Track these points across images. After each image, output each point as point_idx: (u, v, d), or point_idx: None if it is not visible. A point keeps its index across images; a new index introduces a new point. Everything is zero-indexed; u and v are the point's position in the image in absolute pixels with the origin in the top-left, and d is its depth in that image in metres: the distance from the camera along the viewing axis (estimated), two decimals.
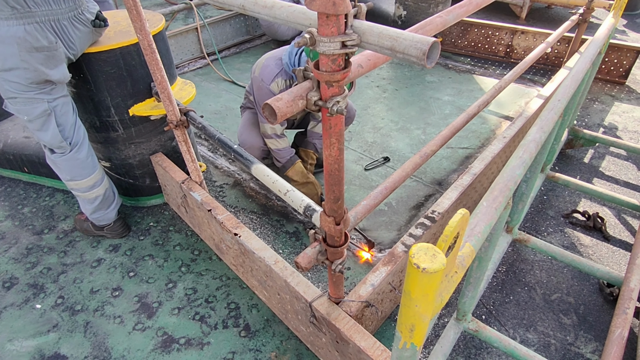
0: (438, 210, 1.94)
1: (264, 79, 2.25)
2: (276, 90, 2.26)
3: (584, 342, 1.79)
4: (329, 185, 1.18)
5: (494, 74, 4.11)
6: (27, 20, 1.62)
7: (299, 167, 2.49)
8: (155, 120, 2.31)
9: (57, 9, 1.69)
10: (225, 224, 1.91)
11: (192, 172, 2.16)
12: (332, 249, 1.34)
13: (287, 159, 2.45)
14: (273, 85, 2.25)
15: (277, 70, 2.25)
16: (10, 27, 1.60)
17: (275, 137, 2.38)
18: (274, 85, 2.25)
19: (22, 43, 1.63)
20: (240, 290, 2.07)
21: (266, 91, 2.26)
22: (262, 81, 2.26)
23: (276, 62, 2.27)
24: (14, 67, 1.66)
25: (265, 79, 2.25)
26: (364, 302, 1.58)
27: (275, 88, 2.25)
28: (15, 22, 1.60)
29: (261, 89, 2.27)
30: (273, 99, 0.96)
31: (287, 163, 2.46)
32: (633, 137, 3.10)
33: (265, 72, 2.26)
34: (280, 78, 2.25)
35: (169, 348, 1.82)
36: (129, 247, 2.32)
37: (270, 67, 2.26)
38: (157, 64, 1.78)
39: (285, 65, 2.24)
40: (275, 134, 2.38)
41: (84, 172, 2.07)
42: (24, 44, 1.63)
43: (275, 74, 2.24)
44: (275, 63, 2.27)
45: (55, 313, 1.99)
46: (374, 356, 1.37)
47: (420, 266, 0.65)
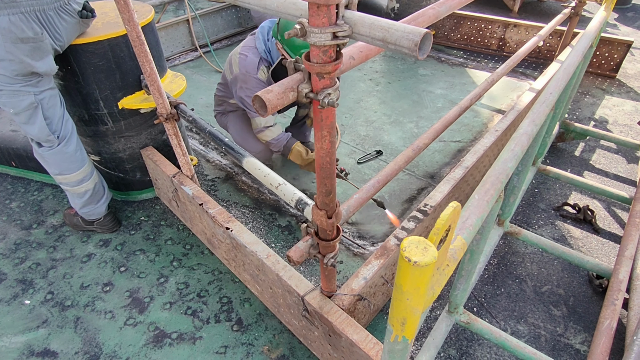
0: (430, 204, 1.94)
1: (248, 70, 2.22)
2: (263, 77, 2.24)
3: (574, 333, 1.82)
4: (321, 178, 1.17)
5: (487, 67, 4.11)
6: (12, 10, 1.58)
7: (297, 150, 2.45)
8: (145, 113, 2.28)
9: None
10: (217, 218, 1.90)
11: (183, 165, 2.14)
12: (324, 242, 1.34)
13: (283, 145, 2.42)
14: (260, 73, 2.23)
15: (257, 59, 2.23)
16: None
17: (266, 129, 2.36)
18: (260, 73, 2.23)
19: (6, 34, 1.59)
20: (232, 284, 2.06)
21: (255, 82, 2.23)
22: (247, 73, 2.22)
23: (252, 52, 2.25)
24: None
25: (250, 70, 2.22)
26: (357, 296, 1.58)
27: (262, 76, 2.23)
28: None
29: (249, 81, 2.24)
30: (263, 91, 0.94)
31: (285, 149, 2.44)
32: (623, 130, 3.13)
33: (247, 63, 2.23)
34: (262, 65, 2.24)
35: (160, 343, 1.81)
36: (120, 242, 2.30)
37: (250, 57, 2.23)
38: (146, 56, 1.75)
39: (263, 53, 2.22)
40: (266, 126, 2.36)
41: (72, 166, 2.03)
42: (9, 35, 1.59)
43: (257, 62, 2.22)
44: (252, 52, 2.24)
45: (45, 309, 1.97)
46: (367, 349, 1.37)
47: (411, 259, 0.65)
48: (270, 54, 2.21)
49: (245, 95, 2.28)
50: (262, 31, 2.23)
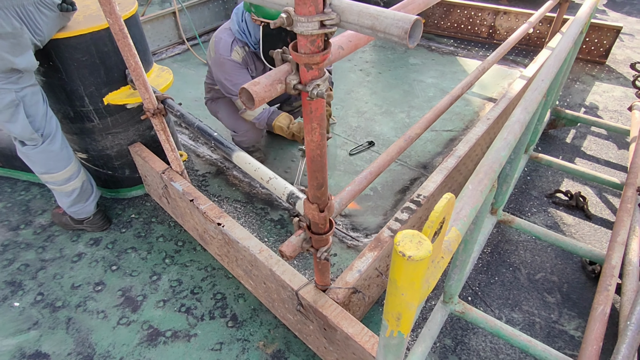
0: (423, 194, 1.93)
1: (222, 53, 2.21)
2: (238, 58, 2.22)
3: (568, 320, 1.83)
4: (312, 171, 1.15)
5: (477, 56, 4.09)
6: None
7: (278, 127, 2.35)
8: (132, 109, 2.23)
9: None
10: (208, 214, 1.87)
11: (172, 161, 2.10)
12: (317, 236, 1.32)
13: (266, 120, 2.37)
14: (234, 54, 2.22)
15: (231, 40, 2.22)
16: None
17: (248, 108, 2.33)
18: (234, 54, 2.22)
19: None
20: (226, 280, 2.04)
21: (230, 64, 2.22)
22: (220, 56, 2.22)
23: (227, 33, 2.25)
24: None
25: (223, 52, 2.21)
26: (351, 289, 1.57)
27: (236, 57, 2.22)
28: None
29: (223, 65, 2.22)
30: (250, 83, 0.92)
31: (268, 127, 2.40)
32: (613, 116, 3.14)
33: (221, 46, 2.22)
34: (236, 46, 2.23)
35: (155, 341, 1.80)
36: (111, 240, 2.27)
37: (223, 39, 2.23)
38: (130, 50, 1.71)
39: (237, 33, 2.22)
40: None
41: (58, 164, 1.99)
42: None
43: (231, 43, 2.22)
44: (226, 34, 2.25)
45: (35, 310, 1.94)
46: (362, 342, 1.37)
47: (405, 254, 0.63)
48: (246, 32, 2.18)
49: (223, 78, 2.27)
50: (237, 12, 2.22)
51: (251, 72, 2.32)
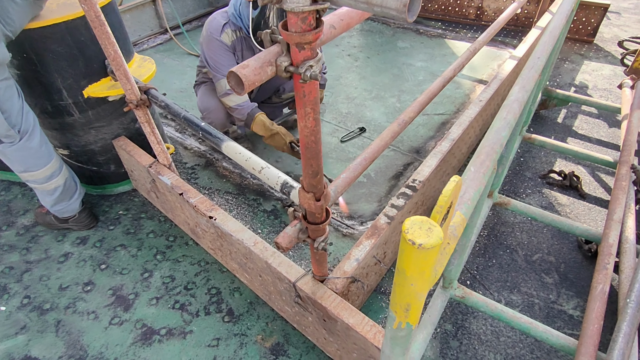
0: (419, 179, 1.90)
1: (212, 32, 2.17)
2: (227, 40, 2.18)
3: (566, 299, 1.83)
4: (306, 159, 1.10)
5: (465, 38, 4.05)
6: None
7: (260, 120, 2.31)
8: (114, 101, 2.14)
9: None
10: (199, 208, 1.81)
11: (159, 154, 2.03)
12: (314, 226, 1.27)
13: (247, 112, 2.31)
14: (223, 36, 2.18)
15: (224, 21, 2.18)
16: None
17: (231, 92, 2.26)
18: (224, 36, 2.18)
19: None
20: (220, 274, 1.99)
21: (217, 44, 2.17)
22: (210, 34, 2.18)
23: (221, 15, 2.21)
24: None
25: (214, 32, 2.17)
26: (350, 278, 1.53)
27: (226, 39, 2.18)
28: None
29: (212, 43, 2.18)
30: (239, 66, 0.86)
31: (248, 119, 2.33)
32: (603, 94, 3.13)
33: (212, 25, 2.19)
34: (228, 28, 2.19)
35: (149, 340, 1.75)
36: (99, 238, 2.19)
37: (216, 19, 2.19)
38: (109, 38, 1.62)
39: (232, 16, 2.18)
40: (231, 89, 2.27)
41: (38, 162, 1.90)
42: None
43: (223, 25, 2.18)
44: (220, 15, 2.21)
45: (22, 314, 1.87)
46: (364, 332, 1.33)
47: (416, 242, 0.59)
48: (241, 16, 2.12)
49: (208, 57, 2.23)
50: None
51: (237, 58, 2.25)
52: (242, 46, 2.23)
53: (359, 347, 1.40)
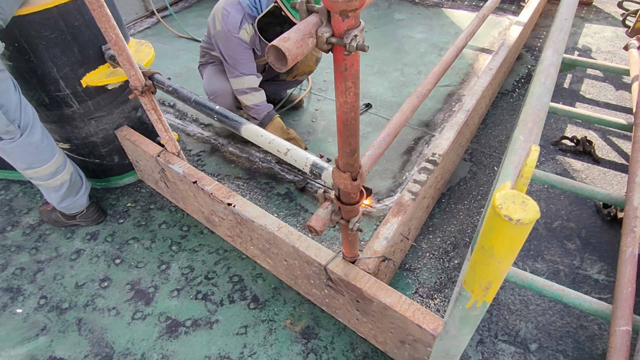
0: (438, 152, 1.86)
1: (230, 29, 2.03)
2: (246, 37, 2.06)
3: (590, 264, 1.83)
4: (344, 137, 1.04)
5: (463, 6, 3.95)
6: None
7: (278, 123, 2.32)
8: (114, 89, 2.03)
9: None
10: (215, 195, 1.75)
11: (166, 142, 1.95)
12: (349, 207, 1.23)
13: (264, 114, 2.27)
14: (242, 32, 2.04)
15: (240, 16, 2.04)
16: None
17: (251, 91, 2.18)
18: (242, 32, 2.04)
19: None
20: (240, 261, 1.95)
21: (236, 41, 2.05)
22: (228, 32, 2.04)
23: (236, 8, 2.05)
24: None
25: (232, 29, 2.03)
26: (381, 257, 1.50)
27: (244, 35, 2.05)
28: None
29: (230, 41, 2.05)
30: (280, 39, 0.79)
31: (266, 119, 2.28)
32: (607, 57, 3.10)
33: (229, 21, 2.03)
34: (246, 23, 2.06)
35: (175, 332, 1.71)
36: (109, 233, 2.13)
37: (232, 14, 2.04)
38: (109, 21, 1.51)
39: (247, 8, 2.03)
40: (251, 88, 2.18)
41: (41, 157, 1.81)
42: None
43: (240, 20, 2.04)
44: (235, 9, 2.05)
45: (41, 315, 1.81)
46: (402, 311, 1.31)
47: (513, 217, 0.54)
48: (257, 5, 2.00)
49: (226, 54, 2.11)
50: None
51: (257, 51, 2.16)
52: (259, 37, 2.12)
53: (396, 326, 1.38)
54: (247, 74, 2.14)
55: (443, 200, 2.15)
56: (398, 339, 1.44)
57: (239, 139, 2.59)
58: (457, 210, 2.10)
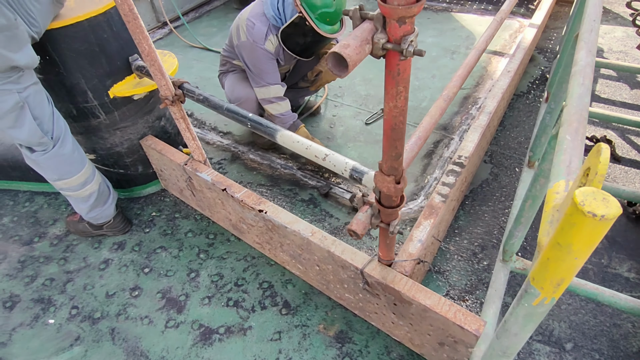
0: (464, 155, 1.87)
1: (255, 40, 2.06)
2: (271, 48, 2.09)
3: (619, 262, 1.84)
4: (391, 140, 1.06)
5: (472, 10, 3.99)
6: None
7: (303, 132, 2.36)
8: (139, 99, 2.06)
9: None
10: (246, 202, 1.76)
11: (194, 151, 1.97)
12: (389, 210, 1.24)
13: (290, 123, 2.30)
14: (267, 44, 2.07)
15: (265, 28, 2.07)
16: None
17: (277, 100, 2.21)
18: (268, 44, 2.07)
19: None
20: (269, 267, 1.96)
21: (261, 52, 2.08)
22: (254, 43, 2.07)
23: (261, 19, 2.08)
24: None
25: (258, 40, 2.06)
26: (416, 260, 1.51)
27: (270, 47, 2.08)
28: None
29: (255, 51, 2.08)
30: (341, 46, 0.81)
31: (291, 128, 2.31)
32: (619, 57, 3.12)
33: (254, 32, 2.06)
34: (271, 34, 2.08)
35: (210, 340, 1.72)
36: (136, 242, 2.14)
37: (257, 26, 2.07)
38: (142, 32, 1.54)
39: (272, 19, 2.06)
40: (277, 97, 2.21)
41: (72, 168, 1.83)
42: None
43: (266, 32, 2.07)
44: (260, 20, 2.08)
45: (73, 325, 1.82)
46: (443, 312, 1.32)
47: (597, 214, 0.56)
48: (281, 15, 2.03)
49: (251, 65, 2.13)
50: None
51: (280, 61, 2.20)
52: (283, 47, 2.15)
53: (435, 328, 1.39)
54: (272, 83, 2.17)
55: (467, 203, 2.16)
56: (437, 340, 1.44)
57: (259, 145, 2.61)
58: (482, 212, 2.11)
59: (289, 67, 2.42)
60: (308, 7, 1.92)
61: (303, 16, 1.95)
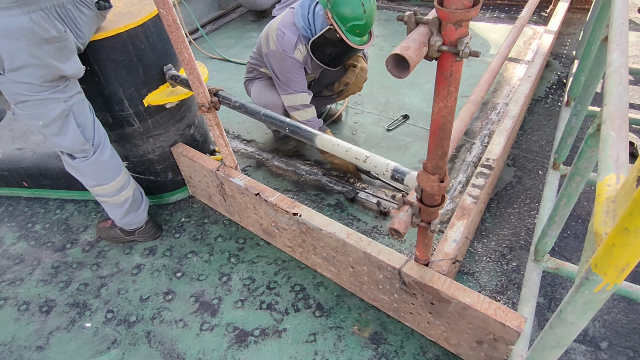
0: (492, 157, 1.91)
1: (285, 49, 2.12)
2: (299, 57, 2.15)
3: None
4: (439, 140, 1.10)
5: (485, 18, 4.06)
6: (31, 7, 1.39)
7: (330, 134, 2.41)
8: (172, 108, 2.12)
9: None
10: (279, 205, 1.80)
11: (226, 157, 2.01)
12: (431, 209, 1.27)
13: (317, 128, 2.35)
14: (296, 53, 2.13)
15: (295, 37, 2.14)
16: (14, 18, 1.37)
17: (303, 107, 2.26)
18: (297, 53, 2.13)
19: (29, 35, 1.41)
20: (300, 271, 1.99)
21: (291, 62, 2.14)
22: (283, 52, 2.13)
23: (291, 29, 2.14)
24: (24, 65, 1.44)
25: (287, 49, 2.12)
26: (452, 259, 1.54)
27: (298, 56, 2.14)
28: (19, 11, 1.37)
29: (284, 60, 2.14)
30: (401, 47, 0.85)
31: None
32: (635, 61, 3.16)
33: (284, 42, 2.13)
34: (300, 44, 2.15)
35: (245, 342, 1.74)
36: (167, 248, 2.18)
37: (287, 35, 2.13)
38: (183, 42, 1.60)
39: (302, 29, 2.12)
40: (303, 104, 2.26)
41: (110, 174, 1.88)
42: (32, 36, 1.41)
43: (295, 42, 2.13)
44: (290, 30, 2.14)
45: (110, 328, 1.85)
46: (483, 309, 1.34)
47: None
48: (312, 27, 2.10)
49: (280, 73, 2.19)
50: (302, 5, 2.12)
51: (308, 70, 2.26)
52: (311, 56, 2.21)
53: (474, 326, 1.41)
54: (299, 91, 2.22)
55: (492, 205, 2.19)
56: (475, 339, 1.46)
57: (283, 153, 2.66)
58: (508, 214, 2.13)
59: (314, 76, 2.48)
60: (339, 19, 1.99)
61: (333, 28, 2.01)
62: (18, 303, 1.99)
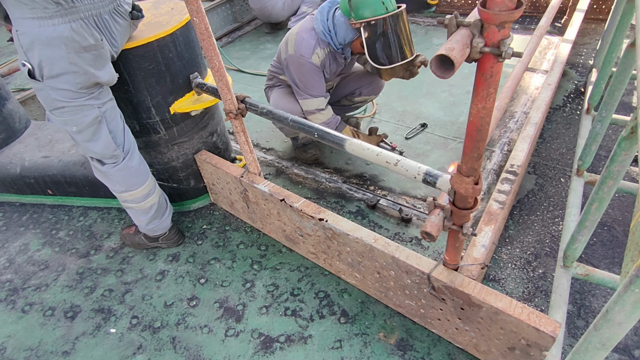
0: (516, 164, 1.91)
1: (303, 54, 2.16)
2: (317, 61, 2.18)
3: None
4: (474, 142, 1.11)
5: None
6: (72, 17, 1.44)
7: (348, 131, 2.46)
8: (196, 115, 2.16)
9: (98, 1, 1.51)
10: (305, 211, 1.81)
11: (250, 163, 2.04)
12: (464, 211, 1.28)
13: (334, 126, 2.37)
14: (314, 57, 2.17)
15: (314, 42, 2.17)
16: (55, 27, 1.42)
17: (318, 111, 2.29)
18: (314, 57, 2.17)
19: (69, 43, 1.45)
20: (323, 277, 1.98)
21: (309, 66, 2.17)
22: (301, 57, 2.17)
23: (309, 34, 2.19)
24: (63, 72, 1.49)
25: (305, 53, 2.16)
26: (481, 264, 1.53)
27: (316, 60, 2.17)
28: (60, 20, 1.42)
29: (302, 65, 2.18)
30: (446, 48, 0.87)
31: (338, 130, 2.38)
32: None
33: (303, 46, 2.17)
34: (319, 48, 2.18)
35: (271, 348, 1.73)
36: (190, 254, 2.19)
37: (306, 39, 2.17)
38: (215, 49, 1.64)
39: (321, 34, 2.16)
40: (319, 109, 2.29)
41: (138, 180, 1.91)
42: (72, 44, 1.46)
43: (313, 46, 2.17)
44: (309, 35, 2.18)
45: (135, 334, 1.86)
46: (516, 314, 1.33)
47: None
48: (332, 32, 2.13)
49: (297, 78, 2.23)
50: (322, 11, 2.16)
51: (326, 74, 2.29)
52: (330, 60, 2.24)
53: (506, 332, 1.39)
54: (316, 95, 2.25)
55: (515, 212, 2.18)
56: (506, 345, 1.44)
57: (302, 161, 2.68)
58: (531, 222, 2.12)
59: (332, 84, 2.52)
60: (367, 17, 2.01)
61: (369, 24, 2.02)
62: (44, 308, 2.01)
